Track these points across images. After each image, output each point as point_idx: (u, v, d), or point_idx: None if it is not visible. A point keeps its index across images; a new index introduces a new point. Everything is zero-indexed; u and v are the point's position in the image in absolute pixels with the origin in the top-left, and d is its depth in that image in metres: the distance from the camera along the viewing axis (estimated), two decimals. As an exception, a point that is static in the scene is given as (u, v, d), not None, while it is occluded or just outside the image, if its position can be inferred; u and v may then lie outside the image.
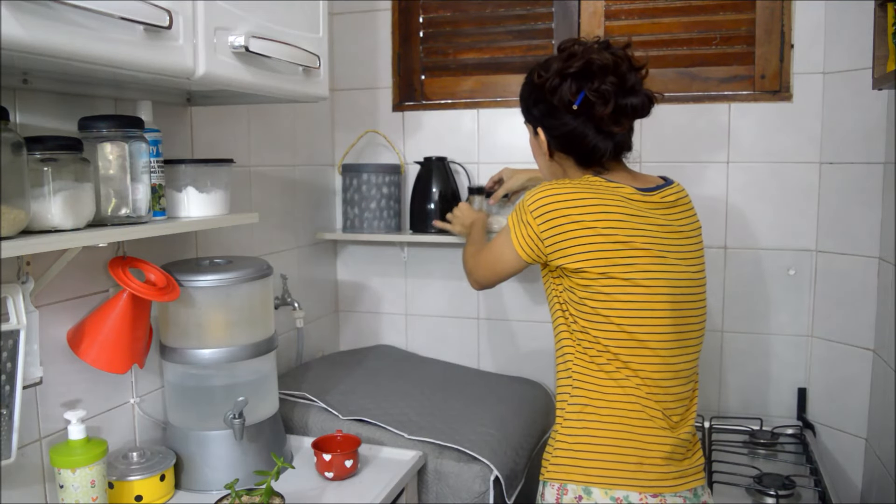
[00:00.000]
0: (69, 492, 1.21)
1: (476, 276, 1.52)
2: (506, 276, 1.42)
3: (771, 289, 1.99)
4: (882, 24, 1.58)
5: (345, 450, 1.49)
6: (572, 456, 1.26)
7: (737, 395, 2.04)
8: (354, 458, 1.46)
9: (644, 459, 1.23)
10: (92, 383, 1.35)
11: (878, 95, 1.76)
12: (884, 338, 1.77)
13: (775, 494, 1.54)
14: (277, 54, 1.26)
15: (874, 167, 1.81)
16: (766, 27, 1.95)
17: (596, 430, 1.26)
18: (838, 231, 1.90)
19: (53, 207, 1.04)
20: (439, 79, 2.25)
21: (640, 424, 1.24)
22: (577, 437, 1.27)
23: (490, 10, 2.16)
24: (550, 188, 1.27)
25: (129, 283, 1.29)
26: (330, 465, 1.45)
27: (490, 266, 1.44)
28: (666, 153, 2.02)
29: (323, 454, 1.44)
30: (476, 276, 1.52)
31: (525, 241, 1.30)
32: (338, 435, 1.56)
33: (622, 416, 1.25)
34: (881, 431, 1.77)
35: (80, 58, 0.90)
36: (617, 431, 1.24)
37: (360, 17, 2.25)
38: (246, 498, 1.25)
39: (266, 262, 1.52)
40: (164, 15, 0.98)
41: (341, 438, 1.55)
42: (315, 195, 2.21)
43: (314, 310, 2.20)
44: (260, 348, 1.47)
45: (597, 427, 1.26)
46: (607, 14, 2.07)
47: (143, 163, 1.20)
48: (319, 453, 1.46)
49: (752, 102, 1.96)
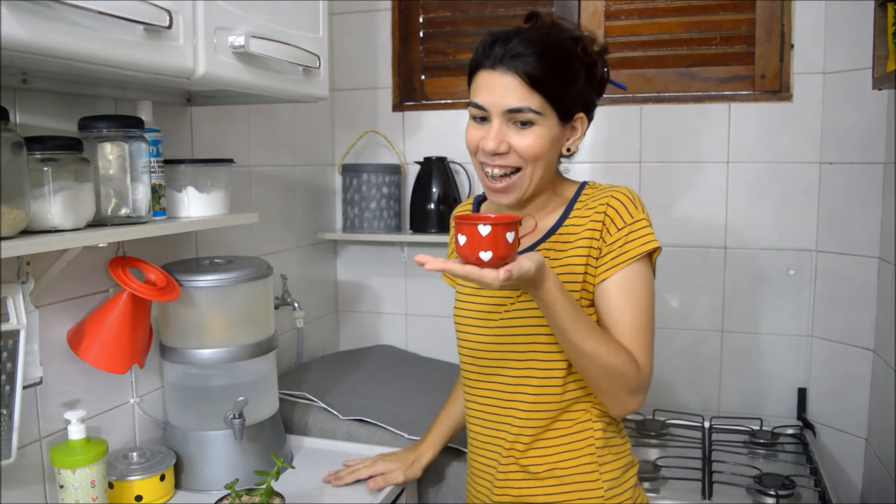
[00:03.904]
0: (69, 492, 1.21)
1: (646, 369, 1.06)
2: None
3: (771, 289, 1.99)
4: (882, 24, 1.58)
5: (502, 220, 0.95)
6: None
7: (737, 395, 2.04)
8: (517, 234, 0.95)
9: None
10: (92, 383, 1.35)
11: (878, 95, 1.76)
12: (884, 338, 1.77)
13: (775, 494, 1.54)
14: (277, 54, 1.26)
15: (874, 167, 1.81)
16: (766, 27, 1.95)
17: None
18: (838, 231, 1.90)
19: (53, 207, 1.04)
20: (439, 79, 2.25)
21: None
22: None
23: (490, 10, 2.16)
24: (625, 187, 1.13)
25: (129, 283, 1.29)
26: (489, 241, 0.93)
27: (651, 331, 1.08)
28: (666, 153, 2.02)
29: (479, 226, 0.93)
30: (646, 369, 1.06)
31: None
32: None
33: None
34: (881, 431, 1.77)
35: (80, 58, 0.90)
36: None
37: (360, 17, 2.25)
38: (246, 498, 1.25)
39: (266, 262, 1.52)
40: (164, 15, 0.98)
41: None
42: (315, 195, 2.21)
43: (314, 310, 2.20)
44: (260, 348, 1.47)
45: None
46: (607, 14, 2.07)
47: (143, 163, 1.19)
48: (471, 227, 0.93)
49: (752, 102, 1.96)
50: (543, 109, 1.05)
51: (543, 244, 1.14)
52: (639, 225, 1.08)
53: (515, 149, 1.06)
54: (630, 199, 1.10)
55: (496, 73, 1.05)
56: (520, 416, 1.14)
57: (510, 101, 1.04)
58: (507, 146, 1.06)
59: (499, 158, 1.07)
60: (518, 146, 1.06)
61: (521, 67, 1.03)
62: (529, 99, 1.04)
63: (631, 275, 1.07)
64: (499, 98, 1.05)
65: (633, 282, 1.07)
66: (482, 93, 1.07)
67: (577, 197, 1.15)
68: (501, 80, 1.04)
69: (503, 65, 1.04)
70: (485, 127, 1.08)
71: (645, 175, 2.04)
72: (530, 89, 1.04)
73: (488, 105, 1.06)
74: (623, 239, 1.07)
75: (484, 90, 1.07)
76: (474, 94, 1.09)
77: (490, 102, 1.06)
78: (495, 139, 1.06)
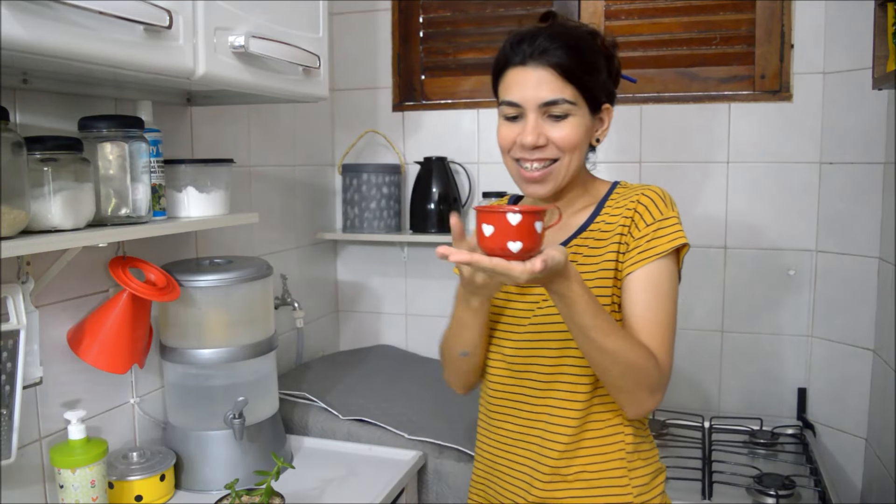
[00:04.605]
0: (69, 492, 1.21)
1: (666, 367, 1.04)
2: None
3: (771, 289, 1.99)
4: (882, 24, 1.58)
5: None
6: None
7: (737, 395, 2.04)
8: (544, 224, 0.92)
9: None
10: (92, 383, 1.35)
11: (878, 95, 1.76)
12: (884, 338, 1.76)
13: (775, 494, 1.54)
14: (277, 54, 1.26)
15: (874, 167, 1.81)
16: (766, 27, 1.95)
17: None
18: (838, 231, 1.90)
19: (53, 207, 1.04)
20: (439, 79, 2.25)
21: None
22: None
23: (490, 10, 2.16)
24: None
25: (129, 283, 1.29)
26: (518, 230, 0.88)
27: (673, 329, 1.07)
28: (666, 153, 2.02)
29: (507, 215, 0.88)
30: (665, 366, 1.04)
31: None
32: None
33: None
34: (881, 431, 1.77)
35: (80, 58, 0.90)
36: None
37: (360, 17, 2.25)
38: (246, 498, 1.25)
39: (266, 262, 1.52)
40: (164, 15, 0.98)
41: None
42: (315, 195, 2.21)
43: (314, 310, 2.20)
44: (260, 348, 1.47)
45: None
46: (607, 14, 2.07)
47: (143, 163, 1.20)
48: (499, 216, 0.89)
49: (752, 102, 1.96)
50: (576, 100, 1.06)
51: (575, 240, 1.12)
52: (668, 222, 1.07)
53: (553, 140, 1.07)
54: (660, 197, 1.09)
55: (527, 69, 1.06)
56: (554, 412, 1.11)
57: (545, 94, 1.05)
58: (546, 139, 1.07)
59: (537, 152, 1.08)
60: (555, 137, 1.06)
61: (551, 60, 1.04)
62: (563, 90, 1.05)
63: (656, 270, 1.05)
64: (532, 93, 1.05)
65: (658, 278, 1.05)
66: (515, 90, 1.07)
67: (609, 195, 1.15)
68: (534, 75, 1.05)
69: (533, 60, 1.05)
70: (518, 124, 1.08)
71: (645, 175, 2.04)
72: (563, 81, 1.05)
73: (522, 101, 1.06)
74: (651, 234, 1.06)
75: (516, 87, 1.07)
76: (505, 92, 1.09)
77: (524, 98, 1.06)
78: (534, 133, 1.06)
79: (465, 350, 1.16)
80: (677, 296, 1.08)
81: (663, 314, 1.05)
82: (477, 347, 1.17)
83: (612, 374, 1.01)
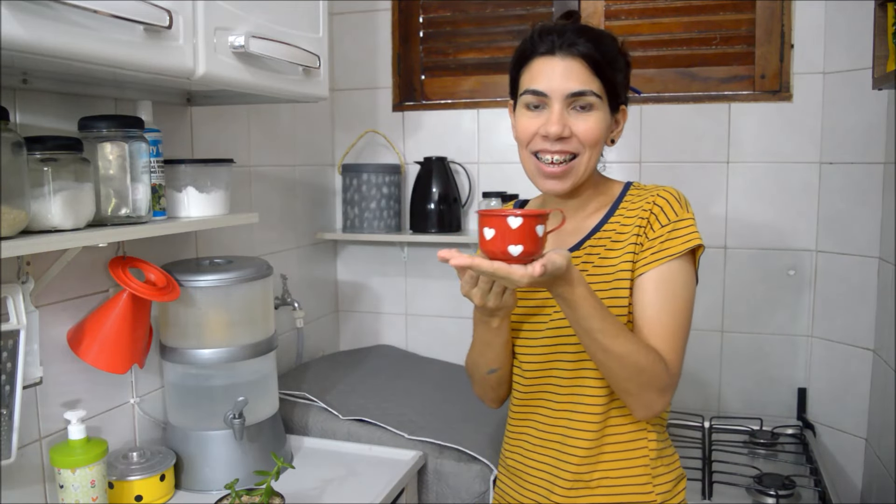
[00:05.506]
0: (69, 492, 1.21)
1: (675, 369, 1.04)
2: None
3: (771, 289, 1.99)
4: (882, 24, 1.58)
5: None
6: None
7: (737, 395, 2.04)
8: (546, 228, 0.91)
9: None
10: (92, 383, 1.35)
11: (878, 95, 1.76)
12: (884, 338, 1.76)
13: (775, 494, 1.54)
14: (277, 54, 1.26)
15: (874, 167, 1.81)
16: (766, 27, 1.95)
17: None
18: (838, 231, 1.90)
19: (53, 207, 1.04)
20: (439, 79, 2.25)
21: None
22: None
23: (490, 10, 2.16)
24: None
25: (129, 282, 1.29)
26: (519, 234, 0.88)
27: (685, 331, 1.06)
28: (666, 153, 2.02)
29: (508, 219, 0.88)
30: (675, 368, 1.04)
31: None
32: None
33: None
34: (881, 431, 1.77)
35: (80, 58, 0.90)
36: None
37: (360, 17, 2.25)
38: (246, 498, 1.25)
39: (266, 262, 1.52)
40: (164, 15, 0.98)
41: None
42: (315, 195, 2.21)
43: (314, 310, 2.20)
44: (260, 348, 1.47)
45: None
46: (607, 14, 2.07)
47: (143, 163, 1.20)
48: (500, 220, 0.88)
49: (752, 102, 1.96)
50: (601, 94, 1.05)
51: (588, 241, 1.11)
52: (683, 223, 1.06)
53: (576, 133, 1.04)
54: (676, 198, 1.08)
55: (555, 59, 1.04)
56: (574, 418, 1.10)
57: (573, 84, 1.03)
58: (570, 130, 1.04)
59: (559, 144, 1.05)
60: (579, 130, 1.04)
61: (581, 50, 1.03)
62: (591, 82, 1.03)
63: (670, 271, 1.04)
64: (560, 83, 1.03)
65: (672, 279, 1.04)
66: (541, 78, 1.05)
67: (623, 196, 1.13)
68: (562, 64, 1.03)
69: (562, 50, 1.04)
70: (541, 114, 1.06)
71: (645, 175, 2.04)
72: (591, 73, 1.03)
73: (549, 90, 1.04)
74: (665, 235, 1.05)
75: (543, 76, 1.05)
76: (530, 81, 1.06)
77: (550, 88, 1.04)
78: (558, 123, 1.03)
79: (493, 367, 1.16)
80: (693, 297, 1.07)
81: (674, 315, 1.04)
82: (503, 362, 1.16)
83: (620, 377, 1.01)
